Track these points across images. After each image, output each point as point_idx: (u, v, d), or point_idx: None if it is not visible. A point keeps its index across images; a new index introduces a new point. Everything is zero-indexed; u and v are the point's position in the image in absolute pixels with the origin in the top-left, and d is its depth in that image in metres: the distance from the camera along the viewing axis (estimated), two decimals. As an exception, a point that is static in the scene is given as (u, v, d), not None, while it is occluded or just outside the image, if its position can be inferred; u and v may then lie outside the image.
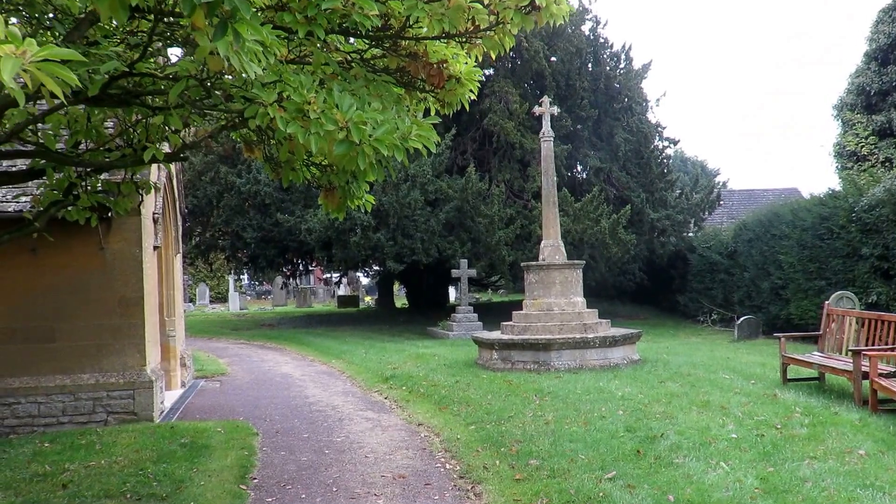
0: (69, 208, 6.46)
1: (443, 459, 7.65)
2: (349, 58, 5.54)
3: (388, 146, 4.58)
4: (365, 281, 51.73)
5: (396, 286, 38.04)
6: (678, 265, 25.09)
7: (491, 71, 24.19)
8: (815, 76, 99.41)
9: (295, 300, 41.35)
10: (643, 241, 23.96)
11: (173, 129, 5.25)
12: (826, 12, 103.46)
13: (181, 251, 13.19)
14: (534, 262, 13.65)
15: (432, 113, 6.10)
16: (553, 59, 23.84)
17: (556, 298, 13.17)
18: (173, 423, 9.54)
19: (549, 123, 13.88)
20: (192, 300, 45.86)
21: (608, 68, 25.23)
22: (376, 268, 28.37)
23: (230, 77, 4.46)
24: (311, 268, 31.00)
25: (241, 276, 48.68)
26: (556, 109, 14.17)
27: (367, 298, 42.06)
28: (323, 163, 7.38)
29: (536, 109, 14.11)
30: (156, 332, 10.65)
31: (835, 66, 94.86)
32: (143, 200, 9.04)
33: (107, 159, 5.30)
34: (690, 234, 25.78)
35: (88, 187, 6.53)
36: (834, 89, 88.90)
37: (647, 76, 26.59)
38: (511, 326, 13.29)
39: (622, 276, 25.02)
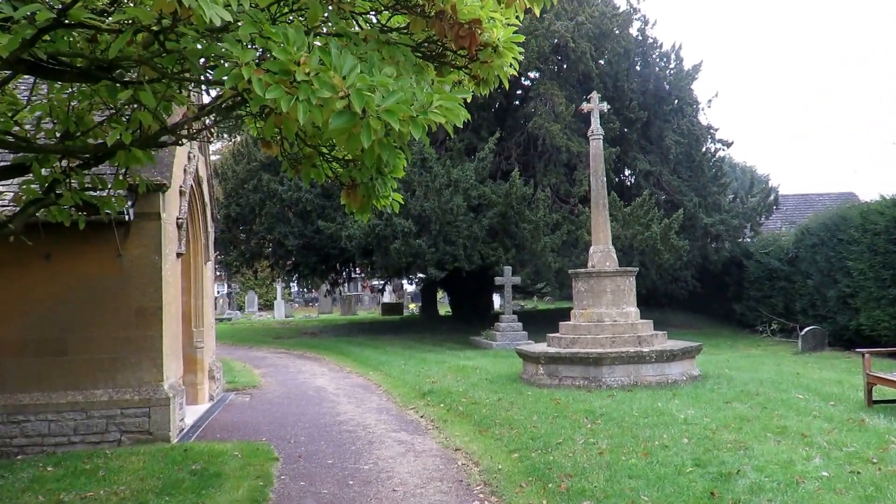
0: (51, 208, 5.55)
1: (482, 496, 6.54)
2: (361, 25, 4.53)
3: (401, 119, 3.53)
4: (410, 288, 50.81)
5: (440, 294, 37.00)
6: (733, 272, 23.55)
7: (536, 73, 23.07)
8: (859, 76, 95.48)
9: (340, 308, 40.61)
10: (696, 246, 22.51)
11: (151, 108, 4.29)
12: (869, 11, 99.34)
13: (212, 258, 12.34)
14: (582, 269, 12.45)
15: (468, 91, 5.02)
16: (601, 61, 22.57)
17: (608, 308, 11.95)
18: (188, 444, 8.61)
19: (598, 120, 12.69)
20: (240, 308, 45.56)
21: (657, 69, 23.86)
22: (420, 275, 27.43)
23: (204, 35, 3.47)
24: (353, 275, 30.15)
25: (291, 284, 48.08)
26: (605, 106, 12.98)
27: (412, 306, 41.08)
28: (346, 157, 6.44)
29: (585, 106, 12.93)
30: (177, 345, 9.77)
31: (879, 66, 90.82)
32: (135, 201, 8.10)
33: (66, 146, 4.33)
34: (747, 240, 24.19)
35: (74, 184, 5.62)
36: (880, 88, 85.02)
37: (698, 77, 25.07)
38: (558, 338, 12.11)
39: (674, 284, 23.55)
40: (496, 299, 34.08)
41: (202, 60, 4.02)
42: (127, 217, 8.71)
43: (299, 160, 6.56)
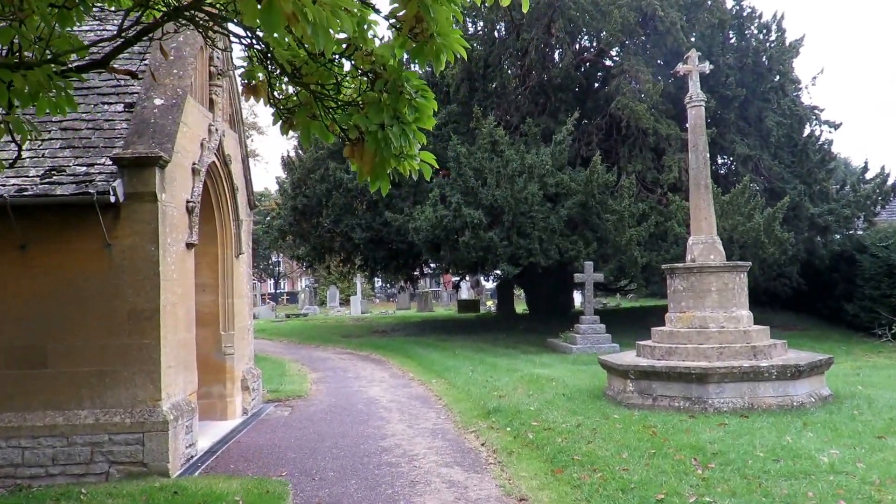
0: None
1: None
2: None
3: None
4: (489, 285, 48.38)
5: (517, 291, 34.55)
6: (843, 267, 20.30)
7: (619, 52, 20.41)
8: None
9: (417, 304, 38.76)
10: (801, 239, 19.39)
11: None
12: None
13: (245, 252, 10.44)
14: (680, 265, 9.92)
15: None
16: (692, 37, 19.67)
17: (713, 312, 9.39)
18: (185, 482, 6.64)
19: (697, 84, 10.10)
20: (322, 302, 44.41)
21: (755, 42, 20.72)
22: (497, 271, 25.14)
23: None
24: (427, 271, 28.11)
25: (374, 279, 46.51)
26: (707, 66, 10.36)
27: (489, 303, 38.79)
28: (357, 99, 4.38)
29: (681, 67, 10.36)
30: (187, 354, 7.85)
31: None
32: (125, 177, 6.10)
33: None
34: (860, 232, 20.86)
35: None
36: None
37: (800, 52, 21.76)
38: (651, 347, 9.63)
39: (775, 281, 20.40)
40: (576, 296, 31.45)
41: None
42: (113, 198, 6.84)
43: (293, 110, 4.50)
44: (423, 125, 4.16)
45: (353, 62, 3.85)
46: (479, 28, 21.40)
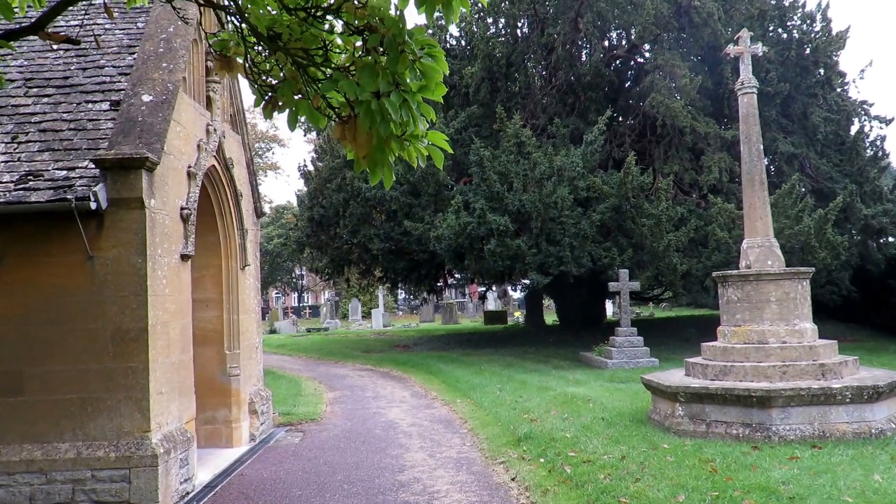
0: None
1: None
2: None
3: None
4: (517, 294, 47.44)
5: (546, 301, 33.62)
6: (899, 273, 19.18)
7: (651, 47, 19.52)
8: None
9: (442, 316, 37.96)
10: (853, 243, 18.29)
11: None
12: None
13: (251, 263, 9.72)
14: (733, 272, 8.99)
15: None
16: (728, 29, 18.74)
17: (773, 325, 8.47)
18: (172, 529, 5.90)
19: (749, 68, 9.20)
20: (345, 316, 43.87)
21: (798, 34, 19.78)
22: (525, 281, 24.26)
23: None
24: (451, 281, 27.31)
25: (397, 291, 45.84)
26: (760, 48, 9.47)
27: (517, 314, 37.87)
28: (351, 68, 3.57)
29: (731, 49, 9.47)
30: (182, 378, 7.12)
31: None
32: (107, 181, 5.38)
33: None
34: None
35: None
36: None
37: (846, 44, 20.68)
38: (702, 366, 8.72)
39: (822, 288, 19.26)
40: (608, 306, 30.49)
41: None
42: (94, 204, 6.14)
43: (275, 88, 3.73)
44: (431, 95, 3.34)
45: (343, 20, 3.07)
46: (501, 26, 20.67)
